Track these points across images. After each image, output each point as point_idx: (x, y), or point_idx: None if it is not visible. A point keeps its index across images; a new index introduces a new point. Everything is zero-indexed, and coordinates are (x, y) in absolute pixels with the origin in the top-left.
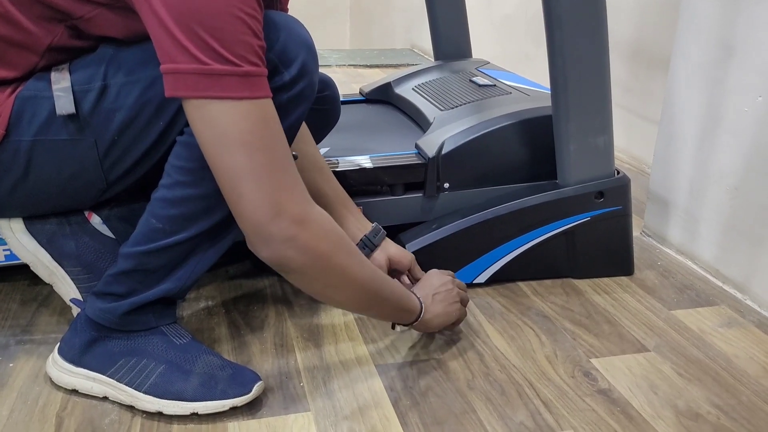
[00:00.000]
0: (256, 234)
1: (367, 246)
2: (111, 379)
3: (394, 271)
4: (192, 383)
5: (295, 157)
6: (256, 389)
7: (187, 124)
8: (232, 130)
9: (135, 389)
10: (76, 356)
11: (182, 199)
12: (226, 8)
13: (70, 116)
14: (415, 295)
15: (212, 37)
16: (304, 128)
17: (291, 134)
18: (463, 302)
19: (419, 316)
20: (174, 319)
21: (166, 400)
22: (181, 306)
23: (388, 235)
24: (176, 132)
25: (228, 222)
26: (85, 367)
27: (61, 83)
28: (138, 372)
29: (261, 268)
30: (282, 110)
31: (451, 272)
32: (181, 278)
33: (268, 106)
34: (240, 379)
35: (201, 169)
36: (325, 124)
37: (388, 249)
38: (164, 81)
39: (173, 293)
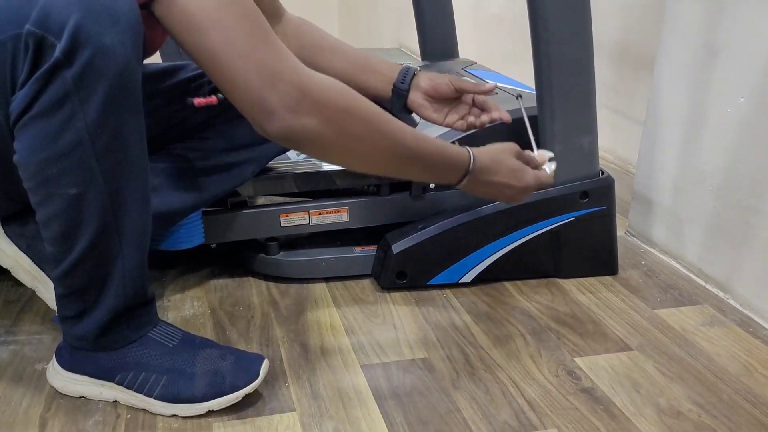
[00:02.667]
0: (258, 111)
1: (398, 95)
2: (119, 386)
3: (460, 105)
4: (199, 385)
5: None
6: (263, 370)
7: (13, 139)
8: (199, 14)
9: (146, 395)
10: (74, 366)
11: (48, 220)
12: None
13: None
14: (470, 155)
15: None
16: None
17: (116, 120)
18: (541, 187)
19: (468, 172)
20: (156, 323)
21: (180, 404)
22: (166, 307)
23: (373, 236)
24: (8, 136)
25: (114, 223)
26: (89, 375)
27: None
28: (142, 382)
29: (247, 268)
30: (75, 95)
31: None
32: (120, 287)
33: None
34: (245, 364)
35: (42, 186)
36: None
37: (420, 84)
38: None
39: (125, 304)
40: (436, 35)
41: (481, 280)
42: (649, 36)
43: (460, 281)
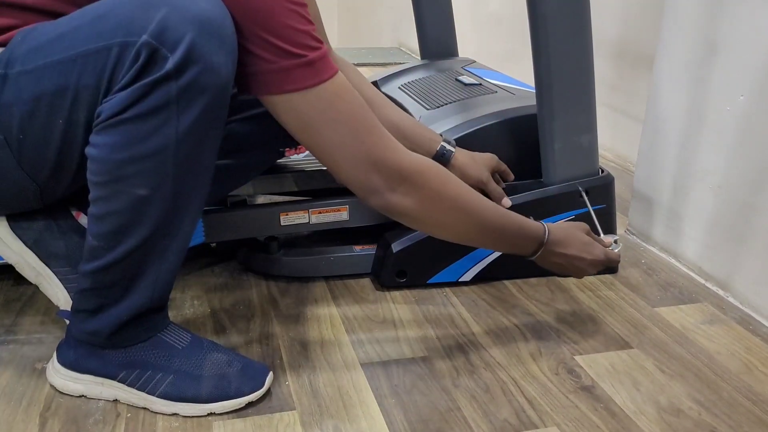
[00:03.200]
0: (363, 189)
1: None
2: (121, 384)
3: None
4: (205, 387)
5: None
6: (268, 381)
7: (90, 131)
8: (311, 114)
9: (148, 393)
10: (76, 365)
11: (104, 215)
12: (279, 8)
13: None
14: (542, 243)
15: (275, 36)
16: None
17: (202, 133)
18: (609, 263)
19: (542, 244)
20: (167, 324)
21: (182, 403)
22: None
23: (373, 235)
24: (82, 132)
25: (169, 226)
26: (90, 373)
27: None
28: (146, 381)
29: (247, 266)
30: (174, 105)
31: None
32: (148, 289)
33: (338, 80)
34: (251, 372)
35: (110, 183)
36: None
37: (460, 165)
38: (244, 83)
39: (147, 305)
40: (436, 34)
41: (480, 278)
42: (649, 34)
43: (459, 280)
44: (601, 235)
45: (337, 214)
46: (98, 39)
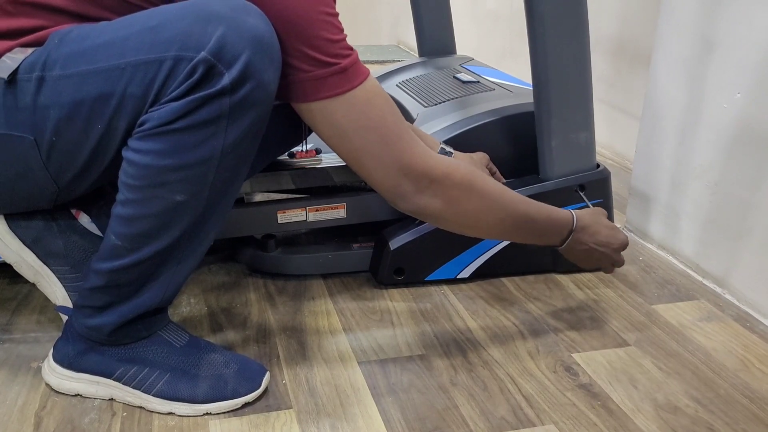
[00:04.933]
0: (393, 194)
1: None
2: (117, 382)
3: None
4: (202, 387)
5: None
6: (265, 382)
7: (130, 134)
8: (344, 121)
9: (144, 392)
10: (73, 362)
11: (135, 218)
12: (312, 18)
13: (7, 107)
14: (571, 230)
15: (312, 48)
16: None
17: (246, 145)
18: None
19: (572, 231)
20: (167, 322)
21: (178, 403)
22: None
23: (371, 233)
24: (119, 138)
25: (196, 231)
26: (86, 372)
27: (13, 57)
28: (142, 379)
29: (244, 264)
30: (225, 118)
31: None
32: (160, 289)
33: (369, 84)
34: (247, 373)
35: (149, 188)
36: (299, 134)
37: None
38: (280, 91)
39: (155, 305)
40: (434, 32)
41: (479, 275)
42: (646, 31)
43: (458, 277)
44: None
45: (335, 211)
46: (150, 50)
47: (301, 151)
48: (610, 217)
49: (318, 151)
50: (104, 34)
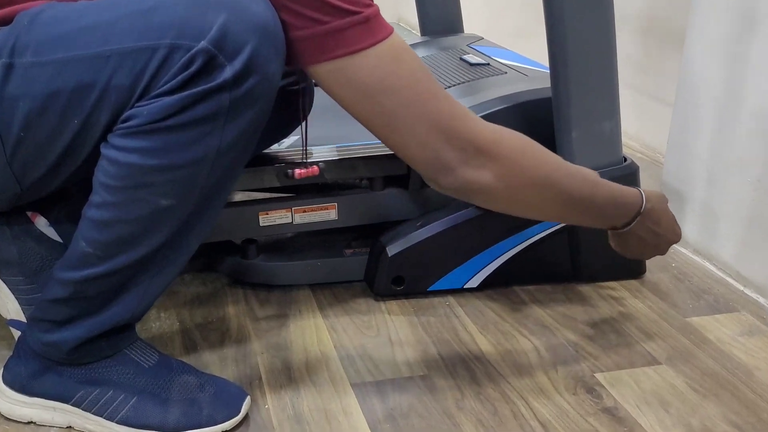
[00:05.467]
0: (434, 168)
1: None
2: (76, 408)
3: None
4: (173, 413)
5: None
6: (245, 407)
7: (111, 129)
8: (370, 81)
9: (107, 419)
10: (26, 385)
11: (112, 222)
12: None
13: None
14: (639, 211)
15: None
16: None
17: (243, 144)
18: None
19: (639, 213)
20: (134, 339)
21: (145, 431)
22: None
23: (366, 237)
24: (98, 134)
25: (179, 239)
26: (41, 396)
27: None
28: (105, 403)
29: (222, 273)
30: (224, 116)
31: None
32: (132, 303)
33: (396, 39)
34: (225, 397)
35: (131, 189)
36: (293, 118)
37: None
38: (288, 53)
39: (125, 320)
40: (438, 8)
41: (489, 284)
42: (680, 6)
43: (465, 286)
44: None
45: (325, 213)
46: (141, 37)
47: (301, 168)
48: None
49: (321, 168)
50: (86, 16)
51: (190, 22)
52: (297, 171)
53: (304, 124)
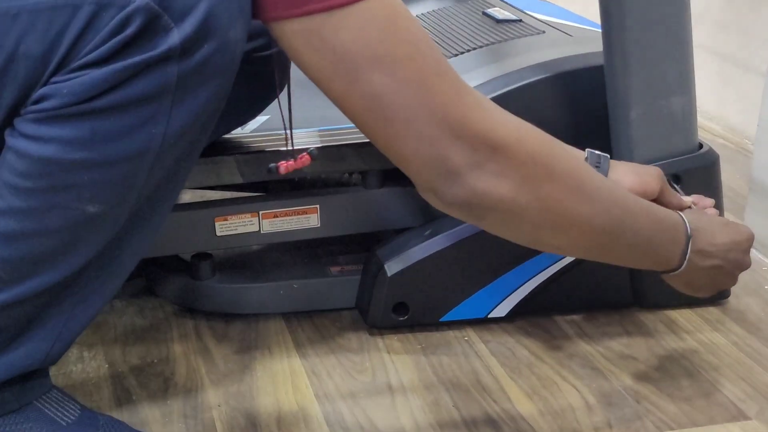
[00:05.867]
0: (436, 173)
1: None
2: None
3: None
4: None
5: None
6: None
7: (17, 112)
8: (354, 47)
9: None
10: None
11: (21, 235)
12: None
13: None
14: (687, 238)
15: None
16: None
17: (196, 132)
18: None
19: (671, 271)
20: (48, 388)
21: None
22: None
23: (356, 247)
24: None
25: (110, 257)
26: None
27: None
28: None
29: (165, 298)
30: (170, 94)
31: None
32: (46, 341)
33: None
34: None
35: (48, 192)
36: (264, 93)
37: (624, 182)
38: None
39: (36, 364)
40: None
41: (521, 313)
42: None
43: (489, 316)
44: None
45: (304, 218)
46: None
47: (288, 159)
48: None
49: (313, 156)
50: None
51: None
52: (282, 164)
53: (284, 99)
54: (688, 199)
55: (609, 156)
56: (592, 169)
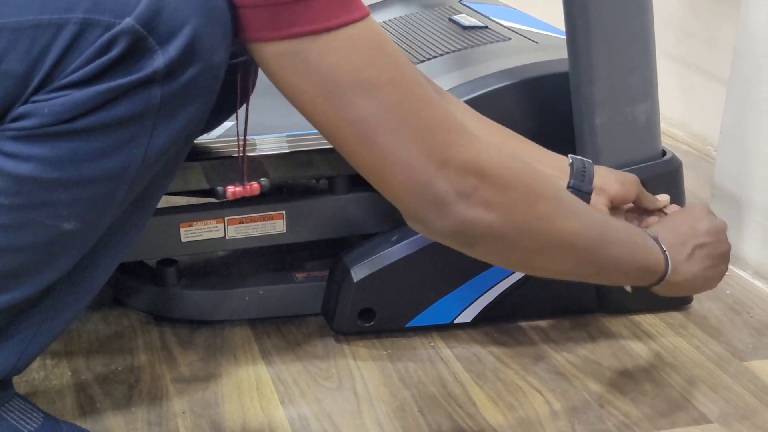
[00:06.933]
0: (423, 202)
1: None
2: None
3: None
4: None
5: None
6: None
7: None
8: (340, 71)
9: None
10: None
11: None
12: None
13: None
14: (657, 243)
15: None
16: None
17: (176, 150)
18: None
19: (663, 277)
20: (11, 396)
21: None
22: None
23: (322, 253)
24: None
25: (83, 272)
26: None
27: None
28: None
29: (130, 305)
30: (152, 116)
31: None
32: (13, 353)
33: (373, 23)
34: None
35: (24, 209)
36: (232, 100)
37: (608, 190)
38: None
39: (1, 374)
40: None
41: (487, 319)
42: None
43: (455, 322)
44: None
45: (269, 224)
46: (43, 8)
47: (237, 185)
48: None
49: (263, 188)
50: None
51: None
52: (229, 188)
53: (243, 109)
54: (664, 199)
55: (592, 162)
56: (577, 200)
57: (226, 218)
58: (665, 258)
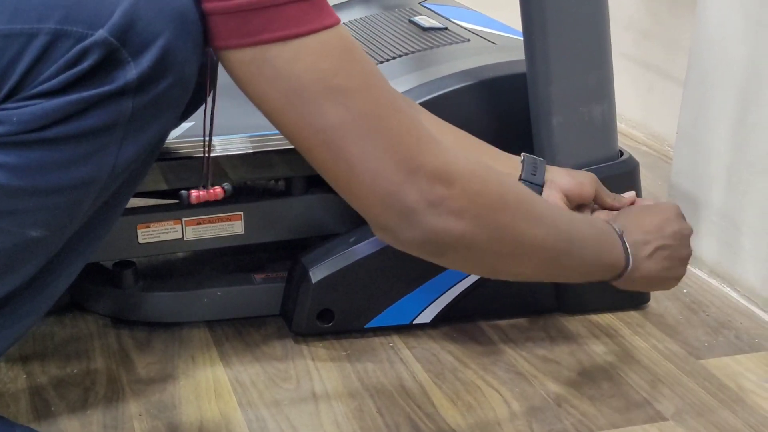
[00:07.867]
0: (392, 212)
1: None
2: None
3: (577, 208)
4: None
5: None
6: None
7: None
8: (309, 79)
9: None
10: None
11: None
12: None
13: None
14: (621, 239)
15: None
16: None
17: (144, 158)
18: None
19: (622, 273)
20: None
21: None
22: None
23: (281, 254)
24: None
25: (43, 281)
26: None
27: None
28: None
29: (86, 307)
30: (123, 127)
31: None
32: None
33: (343, 30)
34: None
35: None
36: (192, 100)
37: (559, 183)
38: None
39: None
40: None
41: (445, 319)
42: None
43: (414, 322)
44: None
45: (227, 225)
46: (14, 17)
47: (201, 188)
48: None
49: (226, 192)
50: None
51: (83, 1)
52: (193, 193)
53: (207, 107)
54: (629, 196)
55: (544, 160)
56: (545, 202)
57: (183, 219)
58: (627, 255)
